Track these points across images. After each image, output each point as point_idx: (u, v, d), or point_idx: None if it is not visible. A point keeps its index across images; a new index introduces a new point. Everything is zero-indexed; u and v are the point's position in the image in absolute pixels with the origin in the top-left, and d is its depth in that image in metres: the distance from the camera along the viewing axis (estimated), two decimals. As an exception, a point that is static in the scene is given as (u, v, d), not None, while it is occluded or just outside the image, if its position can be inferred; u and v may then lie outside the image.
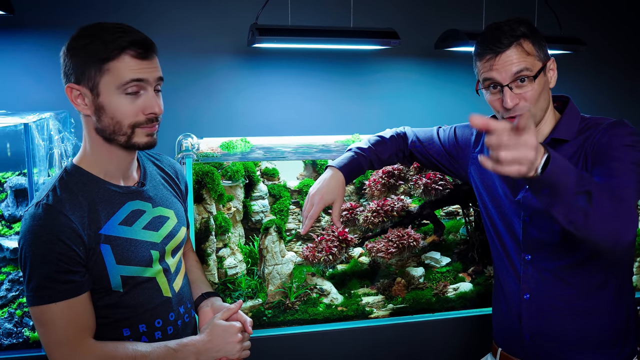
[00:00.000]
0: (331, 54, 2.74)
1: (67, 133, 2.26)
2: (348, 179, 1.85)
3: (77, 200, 1.38)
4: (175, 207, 1.63)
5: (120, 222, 1.45)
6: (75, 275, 1.36)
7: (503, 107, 1.55)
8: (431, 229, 2.50)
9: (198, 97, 2.65)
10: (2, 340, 2.02)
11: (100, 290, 1.42)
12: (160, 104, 1.43)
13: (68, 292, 1.35)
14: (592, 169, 1.49)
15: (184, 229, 1.65)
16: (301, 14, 2.56)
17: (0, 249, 2.12)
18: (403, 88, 2.88)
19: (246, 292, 2.27)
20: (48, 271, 1.33)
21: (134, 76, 1.35)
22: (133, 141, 1.40)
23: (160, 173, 1.66)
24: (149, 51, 1.38)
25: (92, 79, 1.35)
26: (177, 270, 1.60)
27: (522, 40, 1.53)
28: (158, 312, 1.51)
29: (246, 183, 2.34)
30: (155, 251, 1.50)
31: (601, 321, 1.62)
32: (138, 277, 1.46)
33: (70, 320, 1.36)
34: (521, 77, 1.52)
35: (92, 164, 1.45)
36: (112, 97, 1.36)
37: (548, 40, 2.60)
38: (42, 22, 2.43)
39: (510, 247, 1.70)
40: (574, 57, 2.96)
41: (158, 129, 1.46)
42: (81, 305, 1.38)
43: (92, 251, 1.38)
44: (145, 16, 2.51)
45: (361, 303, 2.35)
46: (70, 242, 1.34)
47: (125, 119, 1.37)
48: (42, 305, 1.34)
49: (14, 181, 2.20)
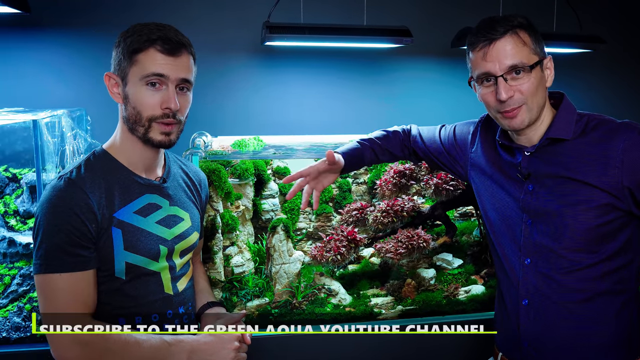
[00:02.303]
0: (346, 53, 2.72)
1: (79, 130, 2.29)
2: (347, 164, 1.82)
3: (97, 181, 1.45)
4: (191, 212, 1.66)
5: (136, 210, 1.50)
6: (85, 251, 1.40)
7: (497, 100, 1.49)
8: (444, 230, 2.46)
9: (216, 95, 2.66)
10: (11, 334, 2.06)
11: (104, 274, 1.45)
12: (180, 102, 1.47)
13: (75, 265, 1.39)
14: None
15: (197, 234, 1.67)
16: (314, 12, 2.56)
17: (13, 244, 2.16)
18: (419, 87, 2.85)
19: (253, 290, 2.26)
20: (59, 241, 1.37)
21: (156, 70, 1.43)
22: (149, 135, 1.47)
23: (184, 177, 1.70)
24: (176, 49, 1.45)
25: (125, 69, 1.45)
26: (183, 271, 1.62)
27: (518, 30, 1.47)
28: (157, 306, 1.52)
29: (256, 181, 2.34)
30: (164, 247, 1.53)
31: (602, 329, 1.55)
32: (142, 268, 1.49)
33: (72, 294, 1.39)
34: (516, 69, 1.46)
35: (118, 151, 1.52)
36: (136, 87, 1.44)
37: (567, 38, 2.58)
38: (59, 20, 2.47)
39: (510, 251, 1.65)
40: (591, 57, 2.89)
41: (176, 131, 1.51)
42: (85, 281, 1.41)
43: (103, 231, 1.43)
44: (160, 14, 2.53)
45: (370, 304, 2.32)
46: (84, 218, 1.39)
47: (144, 110, 1.45)
48: (47, 274, 1.38)
49: (29, 177, 2.24)
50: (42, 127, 2.02)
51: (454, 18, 2.79)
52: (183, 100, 1.49)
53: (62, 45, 2.48)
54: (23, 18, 2.34)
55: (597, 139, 1.49)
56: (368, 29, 2.39)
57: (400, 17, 2.73)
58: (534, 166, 1.57)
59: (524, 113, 1.50)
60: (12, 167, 2.26)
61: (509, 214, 1.63)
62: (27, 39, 2.44)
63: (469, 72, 1.58)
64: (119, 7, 2.50)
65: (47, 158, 2.08)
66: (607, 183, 1.46)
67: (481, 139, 1.76)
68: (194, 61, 1.53)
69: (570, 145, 1.52)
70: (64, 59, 2.49)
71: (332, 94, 2.77)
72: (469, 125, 1.84)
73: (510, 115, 1.50)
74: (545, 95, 1.55)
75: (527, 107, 1.49)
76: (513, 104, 1.48)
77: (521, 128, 1.53)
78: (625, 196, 1.46)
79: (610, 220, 1.49)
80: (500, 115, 1.53)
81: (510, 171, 1.63)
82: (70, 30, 2.48)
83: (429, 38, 2.76)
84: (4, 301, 2.10)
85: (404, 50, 2.75)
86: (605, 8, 3.02)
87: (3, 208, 2.22)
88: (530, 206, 1.57)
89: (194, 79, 1.55)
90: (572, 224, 1.50)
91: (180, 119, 1.49)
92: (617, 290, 1.54)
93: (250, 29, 2.59)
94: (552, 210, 1.53)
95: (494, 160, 1.69)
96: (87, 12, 2.48)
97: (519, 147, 1.60)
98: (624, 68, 3.07)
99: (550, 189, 1.54)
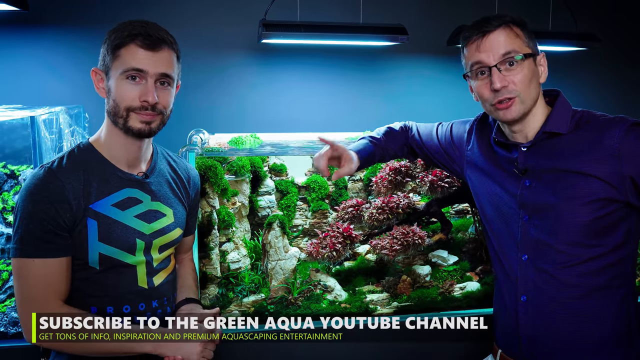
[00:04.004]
0: (343, 51, 2.73)
1: (77, 127, 2.31)
2: (361, 165, 1.82)
3: (77, 173, 1.49)
4: (175, 208, 1.68)
5: (114, 203, 1.53)
6: (58, 238, 1.44)
7: (491, 91, 1.52)
8: (440, 227, 2.47)
9: (212, 92, 2.67)
10: (9, 329, 2.07)
11: (78, 262, 1.49)
12: (160, 96, 1.50)
13: (48, 251, 1.43)
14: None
15: (179, 231, 1.69)
16: (311, 10, 2.56)
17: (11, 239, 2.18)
18: (415, 85, 2.86)
19: (249, 286, 2.28)
20: (33, 228, 1.42)
21: (136, 65, 1.46)
22: (128, 124, 1.50)
23: (171, 173, 1.72)
24: (156, 44, 1.48)
25: (108, 64, 1.50)
26: (161, 266, 1.64)
27: (511, 24, 1.51)
28: (129, 298, 1.55)
29: (252, 178, 2.35)
30: (141, 241, 1.56)
31: (601, 325, 1.56)
32: (117, 260, 1.52)
33: (45, 279, 1.44)
34: (510, 60, 1.49)
35: (102, 145, 1.56)
36: (117, 80, 1.48)
37: (563, 36, 2.59)
38: (57, 18, 2.48)
39: (508, 247, 1.66)
40: (586, 55, 2.90)
41: (158, 122, 1.54)
42: (57, 268, 1.45)
43: (78, 221, 1.47)
44: (157, 12, 2.54)
45: (365, 300, 2.34)
46: (58, 207, 1.44)
47: (122, 101, 1.48)
48: (21, 258, 1.43)
49: (27, 174, 2.25)
50: (40, 124, 2.04)
51: (449, 16, 2.80)
52: (164, 94, 1.52)
53: (60, 43, 2.49)
54: (21, 16, 2.35)
55: (593, 130, 1.52)
56: (364, 26, 2.40)
57: (396, 15, 2.74)
58: (530, 161, 1.59)
59: (517, 104, 1.52)
60: (11, 164, 2.28)
61: (506, 210, 1.65)
62: (26, 37, 2.45)
63: (464, 69, 1.60)
64: (117, 5, 2.51)
65: (45, 155, 2.10)
66: (604, 172, 1.48)
67: (477, 137, 1.77)
68: (178, 58, 1.56)
69: (566, 139, 1.54)
70: (62, 57, 2.49)
71: (328, 91, 2.78)
72: (465, 123, 1.86)
73: (504, 106, 1.52)
74: (539, 90, 1.58)
75: (520, 99, 1.52)
76: (507, 94, 1.51)
77: (515, 119, 1.55)
78: (626, 186, 1.47)
79: (608, 214, 1.50)
80: (494, 108, 1.55)
81: (507, 167, 1.64)
82: (69, 28, 2.49)
83: (425, 36, 2.77)
84: (2, 296, 2.12)
85: (400, 48, 2.76)
86: (600, 6, 3.03)
87: (1, 204, 2.24)
88: (528, 201, 1.58)
89: (178, 75, 1.58)
90: (569, 217, 1.52)
91: (161, 110, 1.52)
92: (615, 285, 1.56)
93: (246, 26, 2.60)
94: (549, 204, 1.54)
95: (490, 158, 1.70)
96: (85, 10, 2.49)
97: (515, 144, 1.61)
98: (619, 66, 3.08)
99: (547, 183, 1.55)
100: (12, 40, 2.44)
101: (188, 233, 1.79)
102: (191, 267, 1.88)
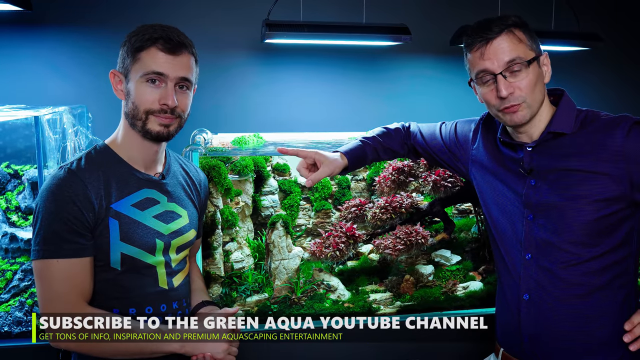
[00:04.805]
0: (345, 51, 2.73)
1: (80, 127, 2.31)
2: (351, 164, 1.83)
3: (96, 173, 1.49)
4: (189, 210, 1.68)
5: (133, 204, 1.53)
6: (81, 238, 1.44)
7: (497, 98, 1.52)
8: (443, 226, 2.47)
9: (216, 92, 2.67)
10: (13, 329, 2.08)
11: (100, 264, 1.49)
12: (179, 100, 1.51)
13: (72, 251, 1.42)
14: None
15: (194, 232, 1.70)
16: (314, 10, 2.57)
17: (15, 239, 2.18)
18: (418, 85, 2.86)
19: (252, 286, 2.28)
20: (56, 228, 1.41)
21: (156, 68, 1.47)
22: (147, 127, 1.51)
23: (184, 175, 1.73)
24: (177, 48, 1.49)
25: (128, 66, 1.50)
26: (179, 267, 1.65)
27: (513, 28, 1.51)
28: (151, 299, 1.55)
29: (256, 178, 2.36)
30: (161, 241, 1.56)
31: (603, 324, 1.56)
32: (138, 260, 1.52)
33: (69, 280, 1.42)
34: (514, 66, 1.49)
35: (119, 146, 1.57)
36: (137, 83, 1.49)
37: (566, 36, 2.59)
38: (61, 18, 2.48)
39: (511, 246, 1.66)
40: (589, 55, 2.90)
41: (176, 125, 1.55)
42: (81, 268, 1.44)
43: (100, 221, 1.47)
44: (161, 11, 2.54)
45: (368, 300, 2.34)
46: (81, 206, 1.43)
47: (142, 104, 1.49)
48: (45, 259, 1.41)
49: (30, 174, 2.25)
50: (43, 124, 2.04)
51: (452, 16, 2.80)
52: (182, 98, 1.53)
53: (63, 43, 2.49)
54: (25, 15, 2.35)
55: (597, 129, 1.53)
56: (367, 26, 2.40)
57: (399, 15, 2.74)
58: (535, 161, 1.59)
59: (524, 109, 1.53)
60: (14, 164, 2.28)
61: (511, 209, 1.65)
62: (29, 37, 2.45)
63: (468, 73, 1.60)
64: (120, 5, 2.51)
65: (48, 155, 2.10)
66: (609, 171, 1.48)
67: (482, 136, 1.78)
68: (196, 62, 1.57)
69: (571, 138, 1.55)
70: (65, 57, 2.50)
71: (331, 91, 2.78)
72: (470, 122, 1.86)
73: (511, 110, 1.53)
74: (544, 91, 1.58)
75: (527, 104, 1.52)
76: (514, 101, 1.51)
77: (522, 123, 1.56)
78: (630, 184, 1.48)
79: (612, 213, 1.51)
80: (502, 113, 1.55)
81: (512, 167, 1.65)
82: (72, 28, 2.49)
83: (428, 36, 2.77)
84: (6, 296, 2.12)
85: (402, 48, 2.76)
86: (603, 6, 3.03)
87: (5, 204, 2.24)
88: (533, 200, 1.59)
89: (195, 79, 1.59)
90: (573, 216, 1.52)
91: (179, 114, 1.53)
92: (618, 284, 1.56)
93: (249, 26, 2.60)
94: (553, 203, 1.55)
95: (495, 157, 1.71)
96: (89, 9, 2.49)
97: (520, 144, 1.62)
98: (622, 66, 3.08)
99: (552, 183, 1.56)
100: (15, 40, 2.44)
101: (198, 236, 1.80)
102: (198, 270, 1.88)
